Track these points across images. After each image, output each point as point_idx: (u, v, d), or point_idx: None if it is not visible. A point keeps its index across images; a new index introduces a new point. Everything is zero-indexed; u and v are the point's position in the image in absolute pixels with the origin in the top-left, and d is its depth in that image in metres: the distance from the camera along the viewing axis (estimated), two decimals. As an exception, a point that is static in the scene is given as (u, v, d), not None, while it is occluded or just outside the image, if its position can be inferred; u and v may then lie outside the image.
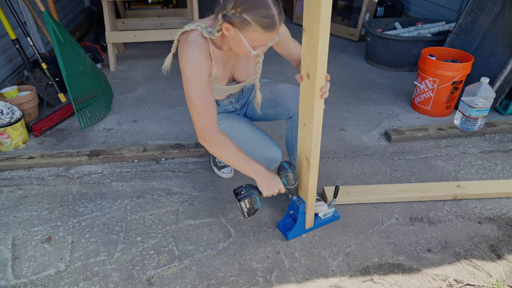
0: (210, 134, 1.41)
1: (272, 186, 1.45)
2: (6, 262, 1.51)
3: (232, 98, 1.74)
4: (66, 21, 3.94)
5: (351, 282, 1.42)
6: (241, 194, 1.47)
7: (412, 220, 1.71)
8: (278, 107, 1.69)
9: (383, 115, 2.60)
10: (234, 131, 1.62)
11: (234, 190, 1.49)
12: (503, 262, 1.50)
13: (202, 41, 1.37)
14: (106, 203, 1.82)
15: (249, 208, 1.49)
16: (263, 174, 1.43)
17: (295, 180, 1.49)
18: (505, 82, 2.44)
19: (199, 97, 1.38)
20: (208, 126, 1.42)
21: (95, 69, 2.80)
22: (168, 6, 4.82)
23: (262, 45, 1.31)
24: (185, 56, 1.35)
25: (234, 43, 1.32)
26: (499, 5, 2.59)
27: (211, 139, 1.41)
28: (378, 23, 3.65)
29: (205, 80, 1.39)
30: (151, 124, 2.51)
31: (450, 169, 2.05)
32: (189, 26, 1.38)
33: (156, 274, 1.45)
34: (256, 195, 1.48)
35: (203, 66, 1.37)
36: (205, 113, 1.40)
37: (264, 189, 1.45)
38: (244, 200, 1.47)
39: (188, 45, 1.35)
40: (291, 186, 1.50)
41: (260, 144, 1.59)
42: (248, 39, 1.27)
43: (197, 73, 1.36)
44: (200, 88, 1.38)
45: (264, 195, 1.46)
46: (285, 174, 1.46)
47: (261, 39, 1.28)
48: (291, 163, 1.48)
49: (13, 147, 2.20)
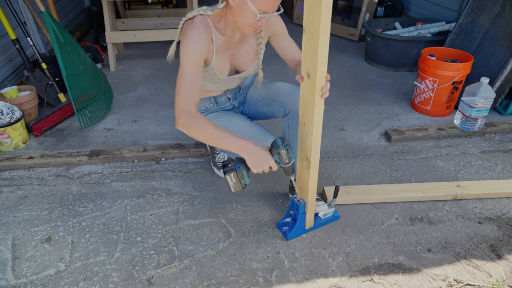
0: (185, 116, 1.36)
1: (261, 162, 1.37)
2: (6, 262, 1.50)
3: (229, 94, 1.75)
4: (66, 21, 3.94)
5: (351, 282, 1.42)
6: (227, 166, 1.40)
7: (412, 220, 1.71)
8: (274, 105, 1.70)
9: (383, 115, 2.60)
10: (232, 127, 1.62)
11: (223, 162, 1.44)
12: (503, 262, 1.50)
13: (205, 25, 1.40)
14: (106, 203, 1.81)
15: (235, 183, 1.42)
16: (250, 150, 1.36)
17: (289, 159, 1.39)
18: (505, 82, 2.44)
19: (184, 79, 1.38)
20: (184, 109, 1.37)
21: (95, 69, 2.80)
22: (168, 6, 4.82)
23: (267, 10, 1.32)
24: (185, 38, 1.38)
25: (239, 12, 1.34)
26: (499, 5, 2.59)
27: (185, 121, 1.36)
28: (378, 23, 3.65)
29: (198, 65, 1.39)
30: (151, 124, 2.51)
31: (450, 169, 2.05)
32: (192, 13, 1.42)
33: (156, 274, 1.45)
34: (243, 170, 1.40)
35: (198, 50, 1.38)
36: (186, 95, 1.37)
37: (252, 165, 1.37)
38: (229, 174, 1.40)
39: (190, 28, 1.39)
40: (284, 164, 1.40)
41: (259, 137, 1.59)
42: (255, 3, 1.30)
43: (190, 56, 1.37)
44: (188, 71, 1.38)
45: (254, 171, 1.38)
46: (277, 151, 1.37)
47: (267, 2, 1.29)
48: (285, 140, 1.40)
49: (13, 147, 2.20)
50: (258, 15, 1.32)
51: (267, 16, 1.35)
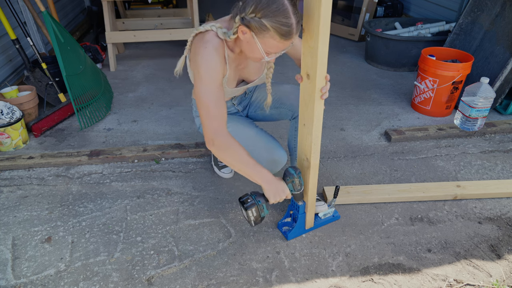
0: (220, 138, 1.35)
1: (279, 192, 1.40)
2: (6, 262, 1.51)
3: (235, 100, 1.74)
4: (66, 21, 3.94)
5: (351, 282, 1.42)
6: (247, 202, 1.41)
7: (412, 220, 1.71)
8: (282, 107, 1.69)
9: (383, 115, 2.60)
10: (238, 134, 1.60)
11: (240, 199, 1.44)
12: (503, 262, 1.50)
13: (218, 42, 1.35)
14: (106, 203, 1.82)
15: (256, 217, 1.43)
16: (270, 180, 1.39)
17: (301, 186, 1.45)
18: (505, 82, 2.44)
19: (211, 99, 1.34)
20: (218, 130, 1.35)
21: (95, 69, 2.80)
22: (168, 6, 4.83)
23: (275, 52, 1.30)
24: (201, 55, 1.33)
25: (247, 47, 1.31)
26: (499, 5, 2.59)
27: (220, 143, 1.35)
28: (378, 23, 3.65)
29: (219, 82, 1.36)
30: (151, 124, 2.51)
31: (450, 169, 2.05)
32: (204, 27, 1.36)
33: (156, 274, 1.45)
34: (263, 203, 1.42)
35: (218, 67, 1.34)
36: (217, 116, 1.35)
37: (271, 196, 1.40)
38: (251, 209, 1.40)
39: (204, 44, 1.33)
40: (296, 192, 1.45)
41: (266, 146, 1.58)
42: (263, 45, 1.26)
43: (211, 74, 1.33)
44: (213, 89, 1.34)
45: (271, 202, 1.41)
46: (291, 179, 1.42)
47: (276, 46, 1.27)
48: (297, 168, 1.44)
49: (13, 147, 2.20)
50: (265, 57, 1.30)
51: (276, 55, 1.33)
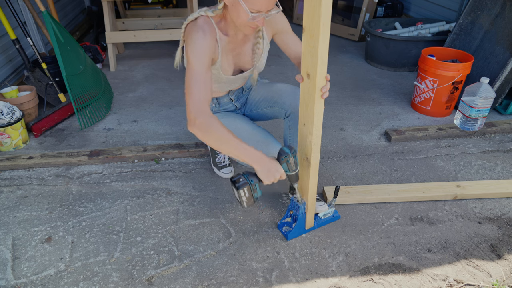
0: (201, 118, 1.31)
1: (273, 172, 1.35)
2: (6, 262, 1.51)
3: (232, 95, 1.75)
4: (66, 21, 3.94)
5: (351, 282, 1.42)
6: (239, 181, 1.35)
7: (412, 220, 1.71)
8: (275, 106, 1.70)
9: (383, 115, 2.60)
10: (235, 129, 1.61)
11: (232, 178, 1.39)
12: (503, 262, 1.50)
13: (209, 25, 1.41)
14: (106, 203, 1.81)
15: (248, 197, 1.38)
16: (262, 161, 1.34)
17: (296, 166, 1.39)
18: (505, 82, 2.44)
19: (196, 79, 1.35)
20: (200, 110, 1.32)
21: (95, 69, 2.80)
22: (168, 6, 4.82)
23: (259, 9, 1.32)
24: (191, 39, 1.38)
25: (234, 11, 1.35)
26: (499, 5, 2.59)
27: (201, 123, 1.31)
28: (378, 23, 3.65)
29: (207, 64, 1.38)
30: (151, 124, 2.51)
31: (450, 169, 2.05)
32: (193, 16, 1.42)
33: (156, 274, 1.45)
34: (255, 182, 1.37)
35: (206, 50, 1.38)
36: (199, 95, 1.34)
37: (264, 176, 1.35)
38: (243, 188, 1.35)
39: (196, 29, 1.39)
40: (291, 172, 1.39)
41: (262, 141, 1.59)
42: (246, 2, 1.30)
43: (199, 56, 1.36)
44: (199, 71, 1.36)
45: (265, 183, 1.37)
46: (286, 159, 1.35)
47: (258, 1, 1.29)
48: (292, 147, 1.38)
49: (13, 147, 2.20)
50: (250, 14, 1.32)
51: (262, 15, 1.35)
